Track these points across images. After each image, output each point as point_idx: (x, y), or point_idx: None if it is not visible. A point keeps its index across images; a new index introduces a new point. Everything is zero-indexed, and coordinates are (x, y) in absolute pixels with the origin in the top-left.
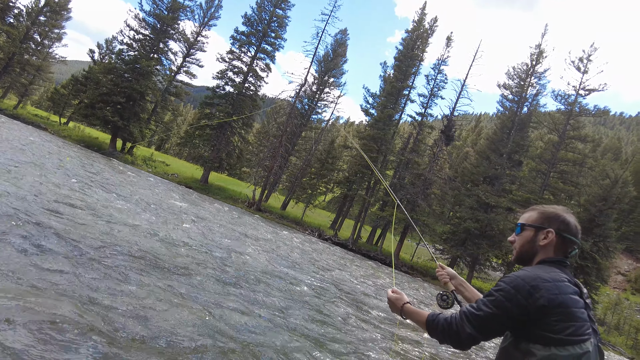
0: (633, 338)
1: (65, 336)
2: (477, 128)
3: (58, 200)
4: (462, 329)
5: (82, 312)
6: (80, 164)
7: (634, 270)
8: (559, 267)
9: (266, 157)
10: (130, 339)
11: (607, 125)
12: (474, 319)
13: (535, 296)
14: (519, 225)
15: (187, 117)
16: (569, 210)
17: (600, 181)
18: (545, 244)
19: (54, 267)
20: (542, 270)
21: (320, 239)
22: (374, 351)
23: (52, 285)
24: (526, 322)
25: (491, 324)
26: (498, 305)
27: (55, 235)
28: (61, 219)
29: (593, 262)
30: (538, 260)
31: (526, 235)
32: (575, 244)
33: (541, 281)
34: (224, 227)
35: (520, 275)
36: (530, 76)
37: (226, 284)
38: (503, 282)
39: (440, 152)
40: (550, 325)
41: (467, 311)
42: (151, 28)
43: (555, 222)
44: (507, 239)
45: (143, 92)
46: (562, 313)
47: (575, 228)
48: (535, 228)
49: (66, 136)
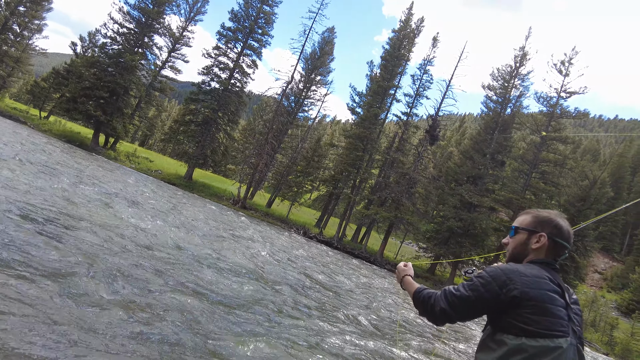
0: (608, 334)
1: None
2: (461, 128)
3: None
4: (437, 303)
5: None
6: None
7: (610, 268)
8: (545, 268)
9: (252, 155)
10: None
11: (586, 127)
12: (450, 297)
13: (510, 287)
14: (513, 228)
15: (171, 113)
16: (562, 215)
17: (580, 182)
18: (537, 247)
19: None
20: (524, 267)
21: (306, 237)
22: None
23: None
24: (500, 312)
25: (464, 304)
26: (474, 289)
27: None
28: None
29: (572, 261)
30: (528, 260)
31: (519, 238)
32: (566, 248)
33: (519, 274)
34: (208, 225)
35: (501, 267)
36: (514, 78)
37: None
38: (484, 271)
39: (425, 152)
40: (522, 317)
41: (448, 290)
42: (136, 22)
43: (548, 226)
44: (502, 241)
45: (127, 87)
46: (536, 307)
47: (567, 233)
48: (528, 231)
49: (47, 130)
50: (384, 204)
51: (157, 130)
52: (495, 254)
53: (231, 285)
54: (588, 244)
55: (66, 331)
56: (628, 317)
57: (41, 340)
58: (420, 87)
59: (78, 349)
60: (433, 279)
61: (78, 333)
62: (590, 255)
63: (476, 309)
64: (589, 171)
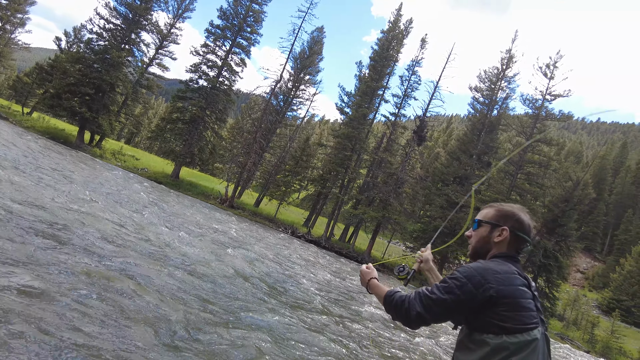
0: (589, 332)
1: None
2: (448, 129)
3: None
4: (412, 307)
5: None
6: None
7: (592, 268)
8: (510, 261)
9: (240, 153)
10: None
11: (570, 129)
12: (426, 300)
13: (486, 286)
14: (476, 221)
15: (158, 111)
16: (524, 209)
17: (563, 183)
18: (500, 241)
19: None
20: (494, 264)
21: (294, 236)
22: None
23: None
24: (476, 312)
25: (440, 307)
26: (449, 292)
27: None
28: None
29: (555, 261)
30: (491, 255)
31: (482, 232)
32: (527, 241)
33: (492, 273)
34: (195, 224)
35: (473, 267)
36: (501, 80)
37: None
38: (457, 272)
39: (413, 152)
40: (500, 315)
41: (422, 292)
42: (122, 18)
43: (510, 220)
44: (465, 234)
45: (113, 84)
46: (510, 303)
47: (528, 227)
48: (491, 225)
49: (30, 127)
50: (372, 204)
51: (143, 128)
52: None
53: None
54: (571, 244)
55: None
56: (608, 315)
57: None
58: (408, 88)
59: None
60: (420, 278)
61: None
62: (573, 255)
63: (453, 311)
64: (572, 173)
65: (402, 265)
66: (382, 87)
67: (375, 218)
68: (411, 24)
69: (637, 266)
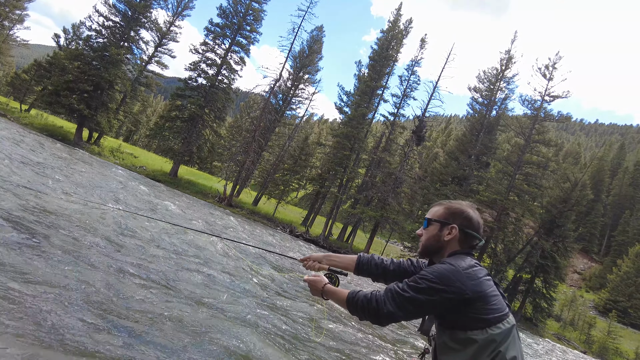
0: (586, 333)
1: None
2: (447, 129)
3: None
4: (382, 305)
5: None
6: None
7: (589, 269)
8: (469, 257)
9: (238, 152)
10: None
11: (568, 130)
12: (398, 298)
13: (462, 289)
14: (426, 219)
15: (157, 109)
16: (473, 205)
17: (562, 184)
18: (450, 239)
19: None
20: (458, 261)
21: (292, 235)
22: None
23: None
24: (451, 312)
25: (413, 306)
26: (424, 292)
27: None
28: None
29: (552, 261)
30: (448, 253)
31: (432, 230)
32: (477, 238)
33: (464, 274)
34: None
35: (445, 269)
36: (500, 80)
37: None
38: (429, 274)
39: (411, 152)
40: (479, 310)
41: (393, 289)
42: (122, 15)
43: (459, 217)
44: (416, 232)
45: (112, 81)
46: (484, 297)
47: (477, 224)
48: (440, 223)
49: (27, 124)
50: (370, 204)
51: (142, 126)
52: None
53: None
54: (569, 244)
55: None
56: (605, 316)
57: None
58: (407, 87)
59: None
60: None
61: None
62: (570, 256)
63: (425, 311)
64: (570, 174)
65: (325, 274)
66: (382, 86)
67: (374, 217)
68: (411, 24)
69: (634, 267)
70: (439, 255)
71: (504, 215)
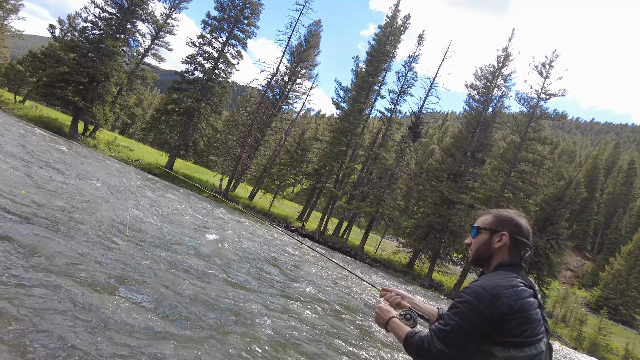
0: (577, 330)
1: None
2: (443, 126)
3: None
4: (432, 346)
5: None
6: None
7: (582, 266)
8: (514, 271)
9: (235, 146)
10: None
11: (564, 129)
12: (442, 335)
13: (497, 304)
14: (475, 228)
15: (153, 102)
16: (521, 214)
17: (556, 182)
18: (500, 246)
19: None
20: (499, 277)
21: (287, 230)
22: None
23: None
24: (489, 330)
25: (458, 336)
26: (463, 317)
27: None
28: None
29: (546, 259)
30: (495, 263)
31: (481, 238)
32: (527, 245)
33: (501, 289)
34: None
35: (480, 285)
36: (497, 78)
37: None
38: (465, 294)
39: (407, 148)
40: (511, 330)
41: (436, 328)
42: (118, 7)
43: (509, 225)
44: (464, 242)
45: (108, 74)
46: (521, 317)
47: (527, 231)
48: (490, 231)
49: (22, 115)
50: (366, 199)
51: (138, 119)
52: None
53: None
54: (562, 242)
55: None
56: (596, 313)
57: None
58: (404, 84)
59: None
60: (412, 273)
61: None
62: (564, 254)
63: (470, 337)
64: (565, 172)
65: (401, 312)
66: (379, 82)
67: (369, 213)
68: (409, 19)
69: (626, 265)
70: (488, 264)
71: None
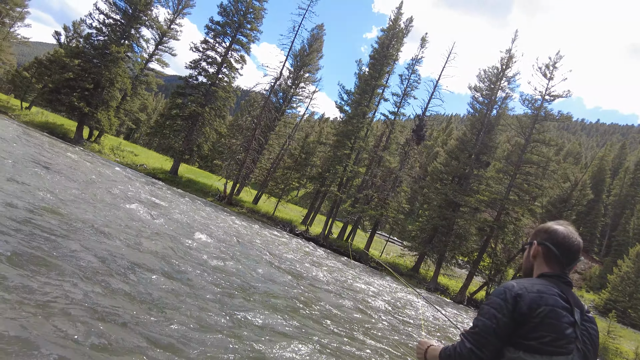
0: None
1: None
2: (447, 128)
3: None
4: (463, 347)
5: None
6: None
7: (589, 269)
8: (554, 283)
9: (239, 150)
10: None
11: (569, 130)
12: (471, 336)
13: (520, 303)
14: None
15: (157, 107)
16: (565, 223)
17: (562, 184)
18: (535, 256)
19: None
20: (529, 282)
21: (292, 234)
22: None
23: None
24: (514, 330)
25: (486, 336)
26: (489, 317)
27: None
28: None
29: None
30: (536, 275)
31: (525, 253)
32: (565, 253)
33: (525, 290)
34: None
35: (507, 286)
36: (500, 80)
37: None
38: (492, 295)
39: (411, 151)
40: (526, 332)
41: (464, 332)
42: (122, 13)
43: (540, 234)
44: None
45: (112, 79)
46: (540, 323)
47: (562, 237)
48: (528, 244)
49: (28, 121)
50: (370, 202)
51: (142, 124)
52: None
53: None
54: None
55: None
56: (605, 316)
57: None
58: (408, 86)
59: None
60: (417, 277)
61: None
62: None
63: (498, 336)
64: (570, 173)
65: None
66: (382, 85)
67: (374, 216)
68: (411, 22)
69: (634, 267)
70: (532, 277)
71: (503, 214)
